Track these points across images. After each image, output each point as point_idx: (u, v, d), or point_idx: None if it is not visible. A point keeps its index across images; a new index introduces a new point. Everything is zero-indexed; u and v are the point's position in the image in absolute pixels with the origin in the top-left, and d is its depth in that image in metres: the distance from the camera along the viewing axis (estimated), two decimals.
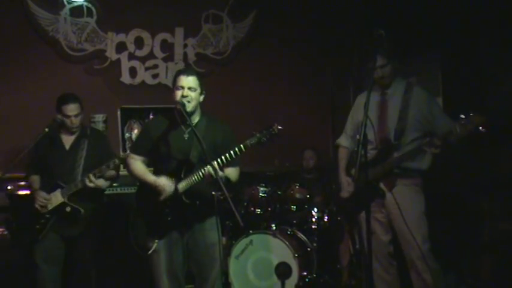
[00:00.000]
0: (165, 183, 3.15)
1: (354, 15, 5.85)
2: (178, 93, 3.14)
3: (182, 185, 3.16)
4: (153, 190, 3.19)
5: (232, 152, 3.04)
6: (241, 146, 3.04)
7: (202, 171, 3.07)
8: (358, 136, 2.85)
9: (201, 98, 3.23)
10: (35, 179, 3.82)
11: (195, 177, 3.11)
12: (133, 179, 3.43)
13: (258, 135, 3.02)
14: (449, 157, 3.53)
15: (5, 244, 4.02)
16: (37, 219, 3.64)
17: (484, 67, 4.42)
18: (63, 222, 3.66)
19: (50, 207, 3.65)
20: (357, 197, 3.43)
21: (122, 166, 4.40)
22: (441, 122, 3.36)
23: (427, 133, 3.43)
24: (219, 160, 3.04)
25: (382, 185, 3.43)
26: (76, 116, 3.72)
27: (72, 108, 3.70)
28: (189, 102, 3.12)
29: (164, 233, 3.21)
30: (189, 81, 3.15)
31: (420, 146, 3.30)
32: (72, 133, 3.80)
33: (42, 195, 3.65)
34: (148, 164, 3.36)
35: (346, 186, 3.64)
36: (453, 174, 4.39)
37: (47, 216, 3.65)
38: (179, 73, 3.22)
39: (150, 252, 3.18)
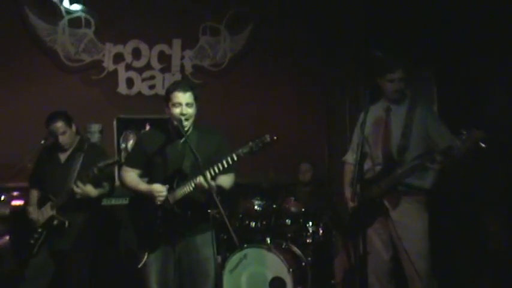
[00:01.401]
0: (158, 188, 3.11)
1: (350, 28, 5.86)
2: (176, 110, 3.10)
3: (174, 195, 3.13)
4: (146, 200, 3.15)
5: (224, 162, 3.01)
6: (234, 155, 3.00)
7: (194, 181, 3.04)
8: (355, 155, 2.84)
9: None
10: (33, 193, 3.81)
11: (187, 187, 3.08)
12: (127, 190, 3.39)
13: (250, 144, 2.99)
14: (450, 174, 3.52)
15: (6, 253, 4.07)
16: (32, 233, 3.64)
17: (478, 82, 4.45)
18: (53, 236, 3.62)
19: (42, 221, 3.63)
20: (359, 214, 3.40)
21: (116, 177, 4.42)
22: (442, 138, 3.34)
23: (431, 150, 3.43)
24: (211, 170, 3.01)
25: (386, 202, 3.41)
26: (62, 133, 3.68)
27: (56, 127, 3.66)
28: (187, 120, 3.10)
29: (156, 246, 3.17)
30: (186, 97, 3.11)
31: (422, 162, 3.30)
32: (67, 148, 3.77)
33: (29, 210, 3.69)
34: (142, 176, 3.33)
35: (351, 198, 3.62)
36: (454, 192, 4.37)
37: (40, 230, 3.64)
38: (175, 89, 3.14)
39: (140, 265, 3.15)
